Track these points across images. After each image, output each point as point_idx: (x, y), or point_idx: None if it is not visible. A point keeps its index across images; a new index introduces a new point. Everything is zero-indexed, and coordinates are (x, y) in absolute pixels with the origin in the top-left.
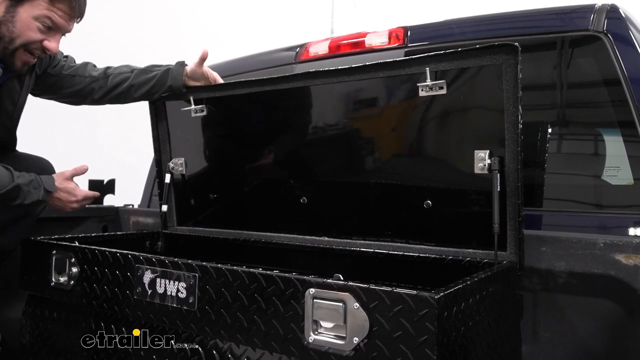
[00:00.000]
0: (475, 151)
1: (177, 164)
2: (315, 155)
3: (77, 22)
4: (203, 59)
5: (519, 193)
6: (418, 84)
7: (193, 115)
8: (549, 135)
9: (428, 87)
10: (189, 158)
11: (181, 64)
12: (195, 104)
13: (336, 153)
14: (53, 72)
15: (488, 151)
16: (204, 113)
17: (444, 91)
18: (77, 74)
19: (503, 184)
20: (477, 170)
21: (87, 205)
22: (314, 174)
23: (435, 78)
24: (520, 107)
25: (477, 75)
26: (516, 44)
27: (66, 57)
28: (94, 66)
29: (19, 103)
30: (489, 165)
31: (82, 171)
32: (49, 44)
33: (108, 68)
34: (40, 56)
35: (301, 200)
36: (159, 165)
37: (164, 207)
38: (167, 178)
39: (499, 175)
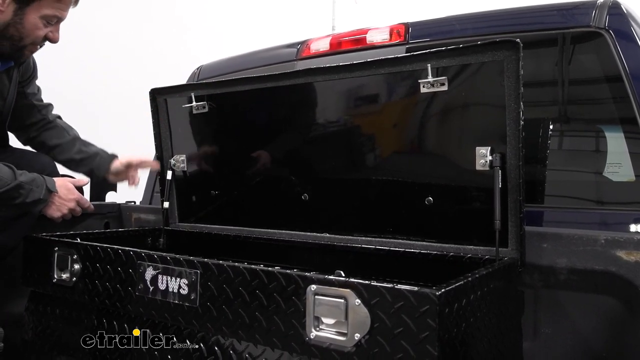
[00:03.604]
0: (477, 148)
1: (179, 160)
2: (316, 152)
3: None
4: (132, 166)
5: (520, 189)
6: (419, 81)
7: (194, 112)
8: (550, 132)
9: (429, 84)
10: (190, 155)
11: (110, 157)
12: (197, 101)
13: (337, 150)
14: (27, 94)
15: (489, 148)
16: (205, 110)
17: (445, 87)
18: (38, 109)
19: (504, 181)
20: (478, 167)
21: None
22: (316, 171)
23: (436, 74)
24: (521, 103)
25: (478, 72)
26: (518, 40)
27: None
28: (50, 110)
29: (8, 98)
30: (490, 161)
31: (82, 184)
32: (53, 35)
33: (59, 118)
34: (41, 45)
35: (302, 197)
36: (161, 162)
37: (166, 204)
38: (169, 175)
39: (500, 171)
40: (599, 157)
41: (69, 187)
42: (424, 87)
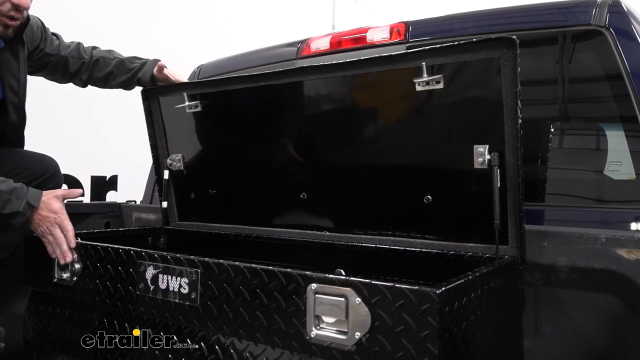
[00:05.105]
0: (475, 146)
1: (175, 160)
2: (313, 150)
3: None
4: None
5: (519, 188)
6: (415, 79)
7: (188, 111)
8: (551, 130)
9: (425, 82)
10: (187, 154)
11: (154, 62)
12: (190, 100)
13: (335, 148)
14: (51, 52)
15: (487, 146)
16: (199, 109)
17: (441, 85)
18: (72, 55)
19: (503, 179)
20: (476, 165)
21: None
22: (314, 169)
23: (432, 72)
24: (519, 101)
25: (475, 70)
26: (514, 37)
27: (55, 34)
28: (84, 48)
29: (20, 78)
30: (489, 160)
31: (74, 195)
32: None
33: (95, 49)
34: (16, 16)
35: (301, 196)
36: (157, 162)
37: (164, 204)
38: (166, 174)
39: (498, 170)
40: (600, 155)
41: (54, 207)
42: (419, 85)
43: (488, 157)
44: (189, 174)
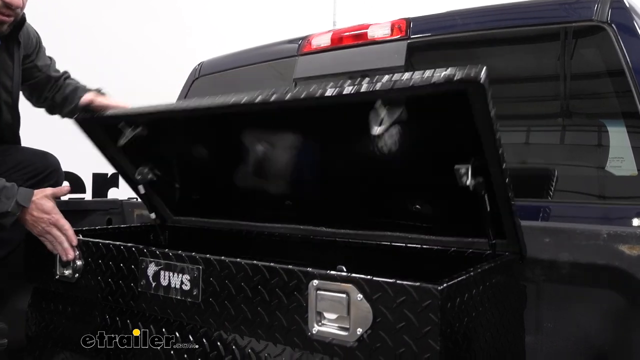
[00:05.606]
0: (456, 166)
1: (144, 172)
2: (292, 159)
3: None
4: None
5: (509, 190)
6: (371, 117)
7: (133, 136)
8: (553, 127)
9: (382, 121)
10: (155, 163)
11: (84, 91)
12: (130, 126)
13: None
14: (41, 67)
15: (469, 166)
16: (146, 133)
17: (404, 118)
18: (55, 79)
19: (490, 188)
20: (461, 185)
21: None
22: (299, 169)
23: (389, 107)
24: (496, 125)
25: (441, 103)
26: (482, 76)
27: (50, 57)
28: (65, 75)
29: (14, 78)
30: (474, 185)
31: (63, 192)
32: None
33: (68, 78)
34: (7, 13)
35: (286, 203)
36: (127, 180)
37: (152, 215)
38: (141, 189)
39: (484, 186)
40: (602, 151)
41: (45, 207)
42: (378, 123)
43: (473, 182)
44: (166, 180)
